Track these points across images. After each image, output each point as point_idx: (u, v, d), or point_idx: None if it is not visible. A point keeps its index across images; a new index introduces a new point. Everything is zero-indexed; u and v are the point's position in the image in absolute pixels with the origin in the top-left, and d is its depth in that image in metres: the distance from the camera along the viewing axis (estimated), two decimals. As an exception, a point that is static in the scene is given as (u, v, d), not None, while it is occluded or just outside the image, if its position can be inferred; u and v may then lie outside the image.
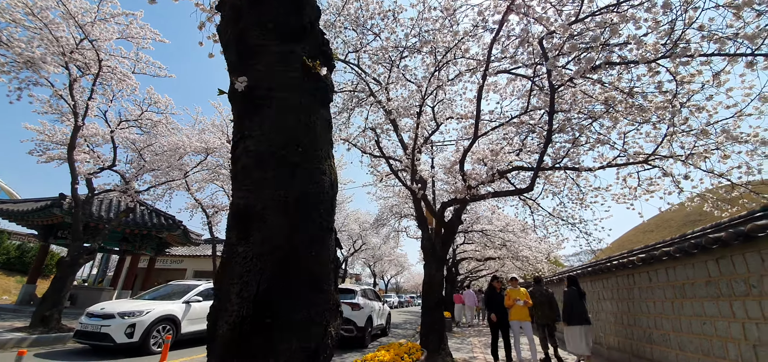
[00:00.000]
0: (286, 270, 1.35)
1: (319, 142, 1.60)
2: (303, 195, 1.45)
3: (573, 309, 6.71)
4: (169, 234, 17.67)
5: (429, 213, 7.53)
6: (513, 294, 7.06)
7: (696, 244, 4.13)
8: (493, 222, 14.65)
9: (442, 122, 8.11)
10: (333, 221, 1.64)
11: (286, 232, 1.39)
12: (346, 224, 22.17)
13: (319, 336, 1.38)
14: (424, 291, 6.62)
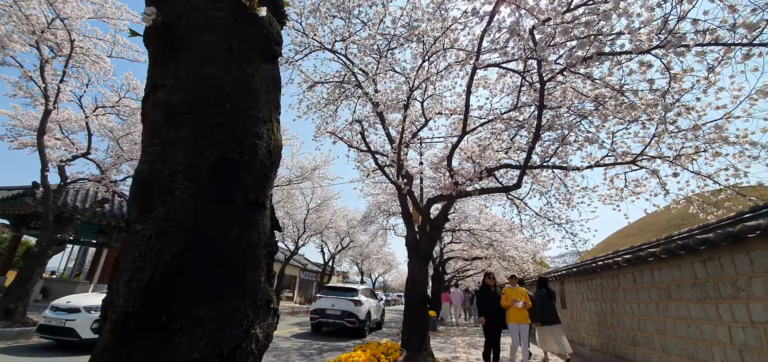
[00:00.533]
0: (192, 255, 1.07)
1: (256, 101, 1.30)
2: (222, 162, 1.17)
3: (545, 309, 7.15)
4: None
5: (415, 210, 7.36)
6: (511, 294, 6.49)
7: (683, 245, 4.04)
8: (481, 221, 14.60)
9: (431, 117, 7.94)
10: (266, 196, 1.34)
11: (197, 207, 1.11)
12: (334, 221, 21.89)
13: (236, 338, 1.09)
14: (408, 289, 6.44)
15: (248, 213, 1.22)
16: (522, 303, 6.35)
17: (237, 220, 1.18)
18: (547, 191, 8.89)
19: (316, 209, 20.30)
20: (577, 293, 7.86)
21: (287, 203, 17.25)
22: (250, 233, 1.21)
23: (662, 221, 24.69)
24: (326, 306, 11.28)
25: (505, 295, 6.48)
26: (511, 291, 6.56)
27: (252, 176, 1.24)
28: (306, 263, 35.36)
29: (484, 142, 6.94)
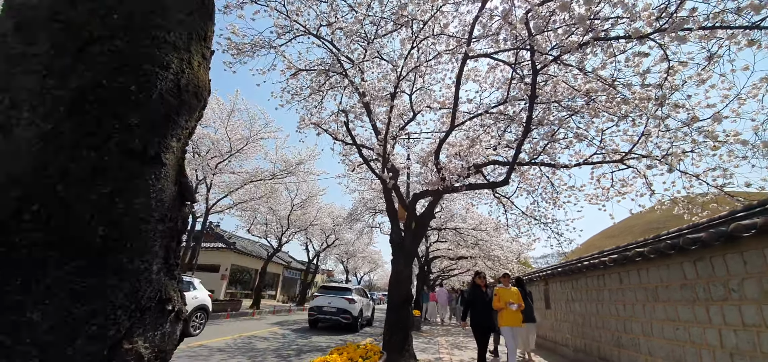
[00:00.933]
0: (27, 223, 0.73)
1: (165, 17, 0.96)
2: (93, 90, 0.84)
3: None
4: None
5: (400, 206, 7.12)
6: (504, 295, 5.80)
7: (672, 245, 3.92)
8: (467, 220, 14.51)
9: (420, 111, 7.71)
10: (164, 148, 0.99)
11: (44, 154, 0.77)
12: (319, 218, 21.47)
13: (88, 355, 0.74)
14: (391, 287, 6.20)
15: (129, 168, 0.88)
16: (516, 305, 5.68)
17: (108, 177, 0.84)
18: (534, 190, 8.81)
19: (300, 205, 19.84)
20: (562, 293, 7.78)
21: (271, 198, 16.77)
22: (130, 197, 0.87)
23: (642, 223, 25.23)
24: (323, 303, 12.34)
25: (498, 296, 5.82)
26: (504, 292, 5.87)
27: (141, 116, 0.90)
28: (290, 261, 34.76)
29: (473, 134, 6.74)
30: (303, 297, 27.25)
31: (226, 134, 12.71)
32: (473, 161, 6.71)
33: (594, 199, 8.04)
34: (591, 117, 5.72)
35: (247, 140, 13.11)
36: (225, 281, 22.53)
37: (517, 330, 5.80)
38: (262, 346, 8.18)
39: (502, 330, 5.78)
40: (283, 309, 21.65)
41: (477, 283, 6.05)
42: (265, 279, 21.03)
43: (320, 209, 21.08)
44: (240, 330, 11.03)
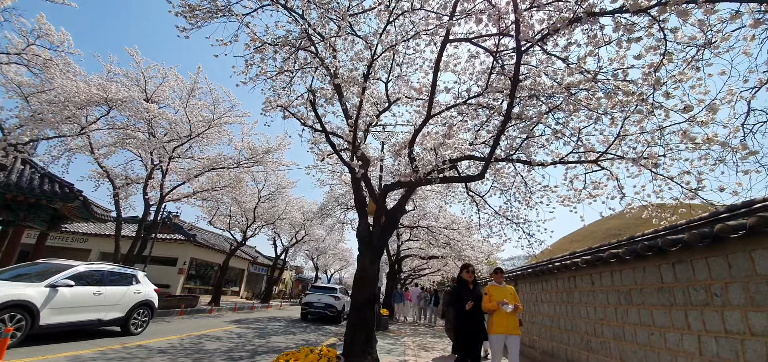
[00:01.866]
0: None
1: None
2: None
3: None
4: (64, 205, 14.58)
5: (370, 199, 6.65)
6: (497, 294, 4.81)
7: (650, 246, 3.73)
8: (440, 219, 14.31)
9: (395, 100, 7.28)
10: None
11: None
12: (288, 212, 20.56)
13: None
14: (355, 285, 5.72)
15: None
16: (511, 306, 4.59)
17: None
18: (507, 189, 8.64)
19: (268, 198, 18.87)
20: (531, 294, 7.65)
21: (236, 189, 15.72)
22: None
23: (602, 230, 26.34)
24: (313, 299, 15.51)
25: (489, 295, 4.79)
26: (496, 291, 4.86)
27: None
28: (256, 256, 33.34)
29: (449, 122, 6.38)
30: (268, 294, 26.12)
31: (186, 115, 11.66)
32: (448, 155, 6.37)
33: (566, 201, 7.97)
34: (570, 113, 5.53)
35: (210, 123, 12.11)
36: (183, 275, 21.08)
37: (513, 339, 4.64)
38: (213, 347, 7.43)
39: (492, 338, 4.64)
40: (246, 306, 20.56)
41: (464, 279, 5.03)
42: (226, 274, 19.84)
43: (289, 203, 20.18)
44: (191, 328, 10.12)
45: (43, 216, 15.07)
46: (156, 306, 8.83)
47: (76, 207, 15.06)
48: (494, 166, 6.90)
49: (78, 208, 15.17)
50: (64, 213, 15.78)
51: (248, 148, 13.28)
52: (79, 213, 15.84)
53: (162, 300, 14.58)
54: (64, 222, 16.79)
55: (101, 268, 7.68)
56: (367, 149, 6.19)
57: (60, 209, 15.03)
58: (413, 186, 6.22)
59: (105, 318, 7.43)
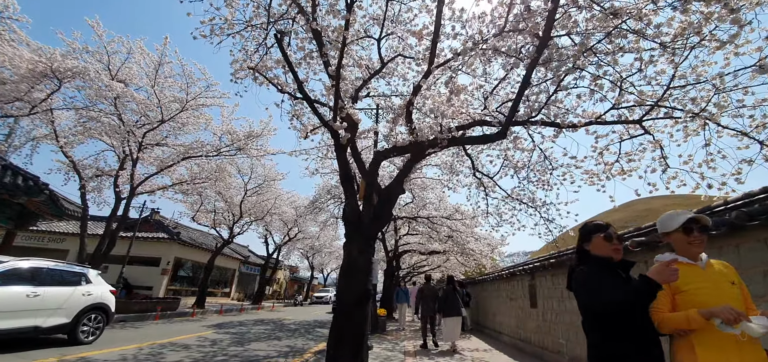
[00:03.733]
0: None
1: None
2: None
3: (448, 303, 7.90)
4: (29, 200, 13.27)
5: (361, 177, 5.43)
6: (701, 287, 1.65)
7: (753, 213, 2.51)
8: (441, 209, 13.10)
9: (390, 60, 6.05)
10: None
11: None
12: (278, 206, 19.28)
13: None
14: (341, 281, 4.49)
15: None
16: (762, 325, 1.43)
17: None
18: (522, 167, 7.43)
19: (256, 191, 17.58)
20: (554, 289, 6.45)
21: (219, 180, 14.42)
22: None
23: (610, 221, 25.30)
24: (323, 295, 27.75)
25: (678, 292, 1.69)
26: (698, 278, 1.69)
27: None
28: (248, 255, 32.00)
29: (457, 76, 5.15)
30: (260, 295, 24.84)
31: (155, 95, 10.37)
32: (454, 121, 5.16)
33: (594, 178, 6.78)
34: (614, 55, 4.33)
35: (183, 105, 10.83)
36: (166, 276, 19.74)
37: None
38: (174, 358, 6.17)
39: None
40: (235, 308, 19.28)
41: None
42: (212, 274, 18.55)
43: (279, 197, 18.89)
44: (160, 335, 8.85)
45: (8, 212, 13.66)
46: (112, 309, 7.55)
47: (42, 202, 13.62)
48: (511, 134, 5.68)
49: (45, 203, 13.73)
50: (32, 210, 14.39)
51: (228, 133, 11.99)
52: (48, 209, 14.41)
53: (136, 303, 13.32)
54: (34, 220, 15.41)
55: (39, 265, 6.39)
56: (355, 114, 4.95)
57: (26, 204, 13.67)
58: (414, 155, 5.00)
59: (44, 325, 6.16)
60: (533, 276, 7.31)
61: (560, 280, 6.25)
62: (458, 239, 12.78)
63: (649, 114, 5.07)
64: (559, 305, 6.23)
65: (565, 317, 5.97)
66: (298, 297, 34.21)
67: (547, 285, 6.76)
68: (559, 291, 6.24)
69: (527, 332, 7.51)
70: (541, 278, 7.02)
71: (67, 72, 8.26)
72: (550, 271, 6.57)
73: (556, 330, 6.28)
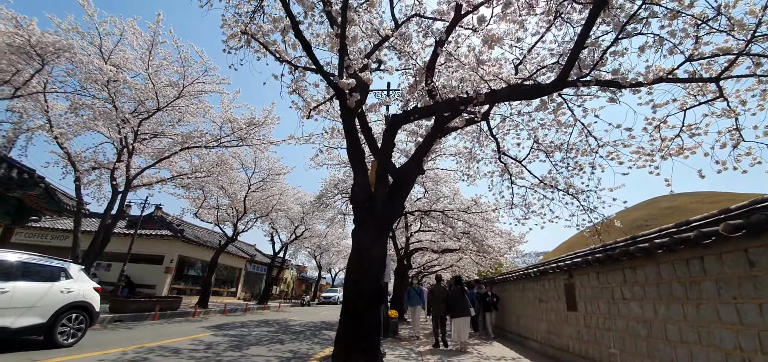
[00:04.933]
0: None
1: None
2: None
3: (457, 304, 7.96)
4: (25, 194, 12.75)
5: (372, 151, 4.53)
6: None
7: None
8: (456, 203, 12.12)
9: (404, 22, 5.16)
10: None
11: None
12: (284, 202, 18.52)
13: None
14: (350, 275, 3.60)
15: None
16: None
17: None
18: (557, 148, 6.46)
19: (260, 186, 16.84)
20: (601, 289, 5.46)
21: (221, 174, 13.71)
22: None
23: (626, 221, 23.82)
24: (331, 295, 29.03)
25: None
26: None
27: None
28: (255, 254, 31.41)
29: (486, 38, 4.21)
30: (266, 294, 24.16)
31: (150, 79, 9.66)
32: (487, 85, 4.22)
33: (646, 158, 5.78)
34: None
35: (180, 90, 10.10)
36: (170, 274, 19.17)
37: None
38: None
39: None
40: (239, 307, 18.58)
41: None
42: (215, 272, 17.88)
43: (284, 192, 18.12)
44: (153, 337, 8.09)
45: (6, 207, 13.13)
46: (96, 309, 6.80)
47: (39, 197, 13.07)
48: (552, 101, 4.71)
49: (41, 197, 13.17)
50: (29, 204, 13.86)
51: (228, 121, 11.23)
52: (45, 204, 13.85)
53: (134, 302, 12.66)
54: (32, 215, 14.91)
55: (7, 258, 5.66)
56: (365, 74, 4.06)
57: (22, 198, 13.13)
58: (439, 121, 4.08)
59: (13, 326, 5.42)
60: (571, 274, 6.31)
61: (610, 278, 5.25)
62: (475, 235, 11.78)
63: (729, 70, 4.08)
64: (609, 308, 5.23)
65: (619, 322, 4.97)
66: (305, 297, 33.52)
67: (590, 285, 5.76)
68: (609, 291, 5.24)
69: (563, 338, 6.51)
70: (582, 276, 6.02)
71: (48, 48, 7.56)
72: (595, 268, 5.57)
73: (605, 338, 5.28)
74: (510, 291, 10.10)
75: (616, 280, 5.06)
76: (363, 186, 3.90)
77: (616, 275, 5.05)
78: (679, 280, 4.08)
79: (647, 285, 4.55)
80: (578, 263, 5.85)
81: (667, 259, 4.26)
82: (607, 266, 5.23)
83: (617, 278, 5.04)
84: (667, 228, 4.51)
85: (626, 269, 4.89)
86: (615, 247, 5.14)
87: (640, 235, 4.99)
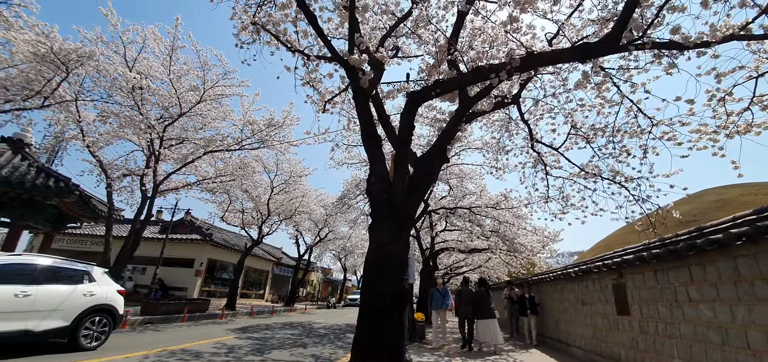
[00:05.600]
0: None
1: None
2: None
3: (481, 306, 7.95)
4: (62, 202, 13.40)
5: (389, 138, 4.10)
6: None
7: None
8: (483, 199, 11.44)
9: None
10: None
11: None
12: (306, 204, 18.48)
13: None
14: (368, 276, 3.18)
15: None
16: None
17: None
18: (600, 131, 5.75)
19: (283, 188, 16.87)
20: (661, 290, 4.71)
21: (244, 177, 13.80)
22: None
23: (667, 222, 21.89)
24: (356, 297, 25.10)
25: None
26: None
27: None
28: (281, 256, 31.83)
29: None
30: (292, 296, 24.29)
31: (171, 84, 9.77)
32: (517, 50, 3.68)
33: (707, 137, 5.00)
34: None
35: (201, 94, 10.16)
36: (200, 277, 19.66)
37: None
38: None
39: None
40: (266, 309, 18.71)
41: None
42: (241, 274, 18.09)
43: (306, 195, 18.07)
44: (178, 340, 8.07)
45: (45, 215, 13.83)
46: (120, 312, 6.81)
47: (74, 204, 13.66)
48: (598, 67, 4.07)
49: (77, 204, 13.78)
50: (66, 212, 14.57)
51: (249, 124, 11.20)
52: (81, 211, 14.51)
53: (163, 305, 12.92)
54: (70, 222, 15.67)
55: (31, 261, 5.72)
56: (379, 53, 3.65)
57: (59, 206, 13.80)
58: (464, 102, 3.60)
59: (36, 329, 5.45)
60: (621, 272, 5.56)
61: (673, 277, 4.50)
62: (505, 233, 11.05)
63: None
64: (671, 311, 4.49)
65: (684, 328, 4.23)
66: (331, 299, 33.58)
67: (646, 285, 5.01)
68: (671, 292, 4.49)
69: (613, 346, 5.76)
70: (636, 275, 5.27)
71: (71, 55, 7.75)
72: (653, 265, 4.83)
73: (666, 346, 4.54)
74: (548, 293, 9.30)
75: (681, 279, 4.32)
76: (380, 176, 3.48)
77: (681, 273, 4.31)
78: (764, 277, 3.35)
79: (721, 284, 3.81)
80: (630, 260, 5.11)
81: (748, 252, 3.52)
82: (668, 263, 4.49)
83: (681, 276, 4.29)
84: (743, 216, 3.77)
85: (693, 265, 4.15)
86: (677, 241, 4.40)
87: (707, 226, 4.24)
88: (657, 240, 5.00)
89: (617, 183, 5.63)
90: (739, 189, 29.37)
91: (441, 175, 11.72)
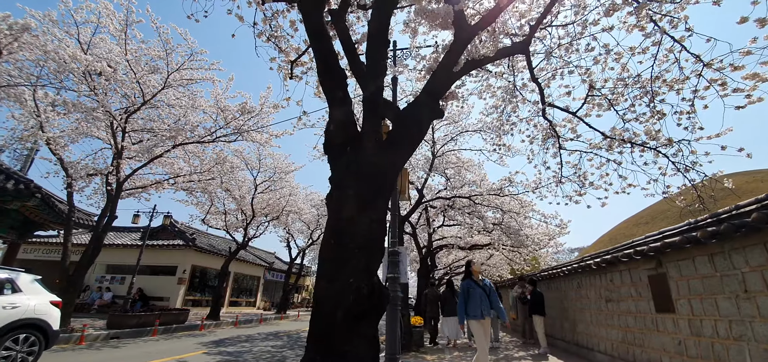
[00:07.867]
0: None
1: None
2: None
3: (446, 304, 8.73)
4: (22, 205, 12.19)
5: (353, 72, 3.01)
6: None
7: None
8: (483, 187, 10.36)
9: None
10: None
11: None
12: (294, 203, 17.35)
13: None
14: (322, 271, 2.07)
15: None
16: None
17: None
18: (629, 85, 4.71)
19: (267, 187, 15.73)
20: (720, 280, 3.65)
21: (225, 174, 12.65)
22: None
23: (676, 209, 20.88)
24: None
25: None
26: None
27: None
28: (273, 261, 30.59)
29: None
30: (285, 303, 23.05)
31: (129, 66, 8.65)
32: None
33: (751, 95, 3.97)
34: None
35: (166, 79, 9.05)
36: (183, 285, 18.42)
37: None
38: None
39: None
40: (254, 318, 17.47)
41: None
42: (230, 281, 16.89)
43: (294, 192, 16.94)
44: (133, 358, 6.92)
45: (8, 221, 12.60)
46: (54, 327, 5.65)
47: (37, 207, 12.43)
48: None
49: (40, 208, 12.52)
50: (31, 218, 13.31)
51: (222, 111, 10.09)
52: (46, 215, 13.27)
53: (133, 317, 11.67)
54: (37, 229, 14.41)
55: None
56: None
57: (20, 210, 12.55)
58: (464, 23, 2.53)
59: (-68, 355, 4.30)
60: (660, 260, 4.48)
61: (737, 260, 3.43)
62: (510, 223, 9.97)
63: None
64: (737, 306, 3.42)
65: (762, 327, 3.16)
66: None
67: (698, 273, 3.94)
68: (737, 281, 3.42)
69: (652, 351, 4.67)
70: (681, 262, 4.20)
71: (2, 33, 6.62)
72: (708, 248, 3.76)
73: (732, 352, 3.46)
74: (561, 290, 8.22)
75: (753, 261, 3.24)
76: (341, 122, 2.40)
77: (752, 253, 3.24)
78: None
79: None
80: (674, 243, 4.03)
81: None
82: (733, 241, 3.42)
83: (754, 257, 3.22)
84: None
85: (745, 249, 3.08)
86: (742, 213, 3.34)
87: None
88: (708, 215, 3.94)
89: (653, 149, 4.57)
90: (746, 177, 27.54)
91: (437, 165, 10.64)
